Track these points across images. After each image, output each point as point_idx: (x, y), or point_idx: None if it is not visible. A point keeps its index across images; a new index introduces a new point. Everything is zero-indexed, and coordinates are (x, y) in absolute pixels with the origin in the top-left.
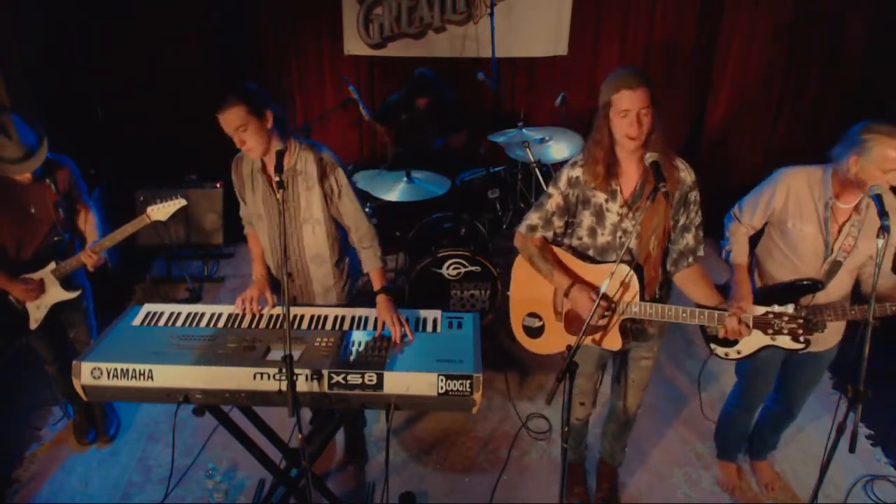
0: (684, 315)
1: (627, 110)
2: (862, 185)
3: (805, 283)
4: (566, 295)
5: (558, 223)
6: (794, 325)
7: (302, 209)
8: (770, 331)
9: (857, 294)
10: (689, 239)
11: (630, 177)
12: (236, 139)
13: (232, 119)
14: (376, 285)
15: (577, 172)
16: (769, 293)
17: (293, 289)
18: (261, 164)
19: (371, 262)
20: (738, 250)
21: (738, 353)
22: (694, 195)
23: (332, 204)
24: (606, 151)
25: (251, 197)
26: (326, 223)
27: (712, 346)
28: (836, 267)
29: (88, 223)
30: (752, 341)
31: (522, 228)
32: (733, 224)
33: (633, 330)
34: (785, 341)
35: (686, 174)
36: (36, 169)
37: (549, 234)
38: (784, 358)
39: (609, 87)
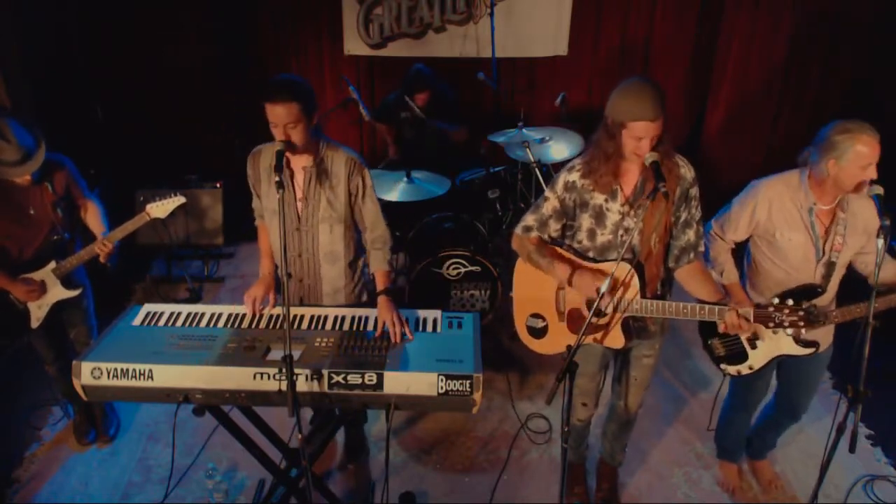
0: (685, 311)
1: (642, 138)
2: (842, 187)
3: (808, 289)
4: (569, 283)
5: (554, 226)
6: (795, 318)
7: (322, 207)
8: (771, 324)
9: (848, 292)
10: (691, 235)
11: (631, 175)
12: (279, 131)
13: (283, 114)
14: (379, 286)
15: (575, 177)
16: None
17: (301, 289)
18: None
19: (379, 263)
20: (729, 268)
21: (751, 368)
22: (694, 191)
23: (356, 204)
24: (617, 164)
25: (266, 191)
26: (346, 222)
27: (722, 366)
28: (830, 268)
29: (93, 216)
30: (762, 354)
31: (518, 229)
32: (716, 244)
33: (636, 327)
34: (794, 348)
35: (686, 170)
36: (35, 171)
37: (545, 236)
38: (780, 360)
39: (626, 110)
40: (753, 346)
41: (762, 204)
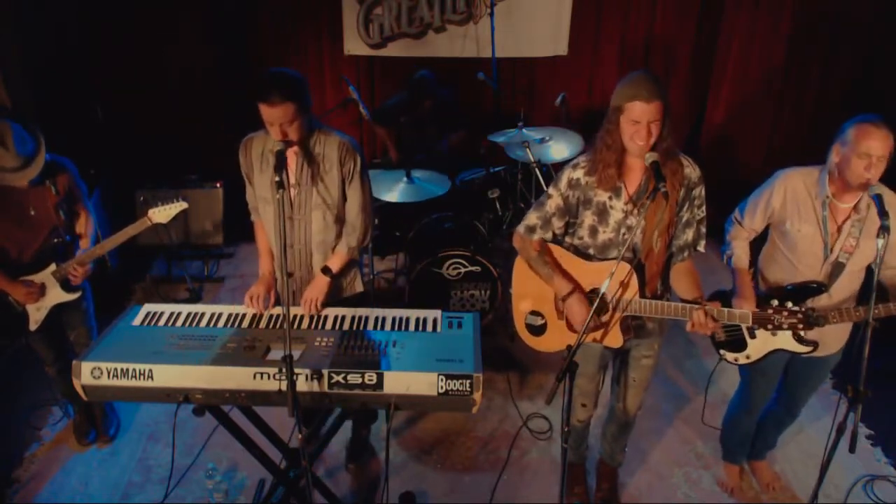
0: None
1: (638, 121)
2: (845, 178)
3: (810, 285)
4: (563, 300)
5: (557, 224)
6: (794, 320)
7: (315, 194)
8: (770, 326)
9: (867, 296)
10: (690, 234)
11: (634, 174)
12: (276, 130)
13: (279, 115)
14: (326, 263)
15: (579, 174)
16: (772, 297)
17: (292, 283)
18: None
19: (339, 245)
20: (740, 254)
21: (748, 357)
22: (699, 190)
23: (346, 189)
24: (619, 155)
25: (259, 178)
26: (339, 208)
27: (721, 351)
28: (838, 269)
29: (86, 227)
30: (761, 345)
31: (521, 229)
32: (734, 228)
33: (634, 326)
34: (792, 344)
35: (691, 170)
36: (33, 178)
37: (548, 236)
38: (787, 361)
39: (623, 93)
40: (752, 336)
41: (778, 192)
